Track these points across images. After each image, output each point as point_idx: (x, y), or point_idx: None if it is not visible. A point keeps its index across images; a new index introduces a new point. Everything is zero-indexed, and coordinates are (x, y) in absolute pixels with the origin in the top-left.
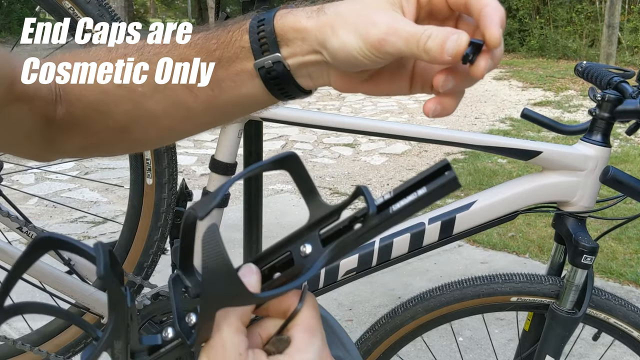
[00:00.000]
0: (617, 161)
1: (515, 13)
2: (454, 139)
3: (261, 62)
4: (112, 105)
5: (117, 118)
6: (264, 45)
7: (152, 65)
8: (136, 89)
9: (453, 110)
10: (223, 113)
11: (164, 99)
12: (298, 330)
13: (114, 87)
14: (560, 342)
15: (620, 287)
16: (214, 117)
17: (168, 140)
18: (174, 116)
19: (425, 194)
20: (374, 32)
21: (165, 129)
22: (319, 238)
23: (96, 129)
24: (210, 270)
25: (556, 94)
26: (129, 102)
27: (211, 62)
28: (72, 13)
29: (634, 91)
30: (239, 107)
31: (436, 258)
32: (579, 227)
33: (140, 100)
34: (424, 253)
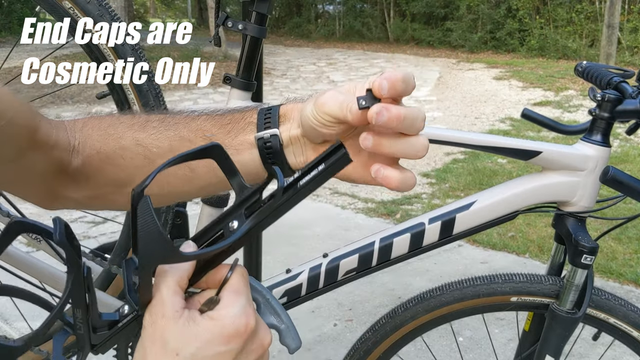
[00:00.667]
0: (617, 161)
1: (515, 13)
2: (454, 139)
3: (261, 134)
4: (128, 159)
5: (129, 172)
6: (267, 122)
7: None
8: (152, 149)
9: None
10: (219, 181)
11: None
12: (226, 292)
13: (132, 144)
14: (560, 342)
15: (620, 287)
16: (211, 181)
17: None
18: (179, 175)
19: (324, 169)
20: (320, 98)
21: (167, 186)
22: (244, 215)
23: (106, 181)
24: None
25: (556, 94)
26: (143, 159)
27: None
28: (72, 13)
29: (634, 91)
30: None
31: (436, 258)
32: (579, 227)
33: (153, 158)
34: (424, 253)
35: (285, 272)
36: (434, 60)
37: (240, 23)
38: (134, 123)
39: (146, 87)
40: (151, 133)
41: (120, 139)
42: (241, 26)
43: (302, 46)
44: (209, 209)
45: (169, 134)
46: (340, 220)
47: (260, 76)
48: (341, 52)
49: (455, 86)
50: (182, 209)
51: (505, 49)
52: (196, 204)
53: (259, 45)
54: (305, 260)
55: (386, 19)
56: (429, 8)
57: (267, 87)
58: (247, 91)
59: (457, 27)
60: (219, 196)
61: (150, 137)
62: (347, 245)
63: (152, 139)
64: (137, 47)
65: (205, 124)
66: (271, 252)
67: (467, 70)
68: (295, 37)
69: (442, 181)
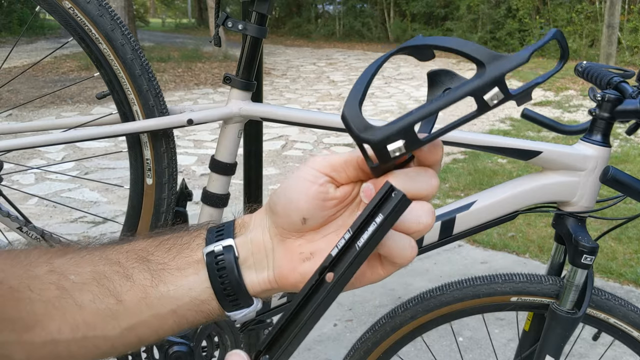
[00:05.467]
0: (617, 161)
1: (515, 13)
2: (454, 139)
3: (211, 247)
4: (36, 291)
5: (34, 308)
6: (220, 235)
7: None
8: (69, 276)
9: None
10: (154, 314)
11: (96, 287)
12: None
13: (45, 272)
14: (560, 342)
15: (620, 287)
16: (141, 321)
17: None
18: (101, 309)
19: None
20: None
21: (84, 328)
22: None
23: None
24: None
25: (556, 94)
26: (56, 289)
27: (162, 249)
28: (72, 13)
29: (634, 91)
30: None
31: (436, 258)
32: (579, 227)
33: (68, 288)
34: (424, 253)
35: None
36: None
37: (240, 23)
38: (50, 250)
39: (146, 87)
40: (70, 257)
41: (31, 265)
42: (241, 26)
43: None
44: (209, 209)
45: (93, 258)
46: None
47: (260, 76)
48: (341, 52)
49: None
50: (182, 209)
51: (505, 49)
52: (196, 204)
53: (259, 45)
54: None
55: (386, 19)
56: (429, 8)
57: (267, 87)
58: (247, 91)
59: (457, 27)
60: (219, 196)
61: (70, 262)
62: None
63: (71, 264)
64: (137, 47)
65: (139, 243)
66: None
67: (467, 70)
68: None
69: (442, 181)
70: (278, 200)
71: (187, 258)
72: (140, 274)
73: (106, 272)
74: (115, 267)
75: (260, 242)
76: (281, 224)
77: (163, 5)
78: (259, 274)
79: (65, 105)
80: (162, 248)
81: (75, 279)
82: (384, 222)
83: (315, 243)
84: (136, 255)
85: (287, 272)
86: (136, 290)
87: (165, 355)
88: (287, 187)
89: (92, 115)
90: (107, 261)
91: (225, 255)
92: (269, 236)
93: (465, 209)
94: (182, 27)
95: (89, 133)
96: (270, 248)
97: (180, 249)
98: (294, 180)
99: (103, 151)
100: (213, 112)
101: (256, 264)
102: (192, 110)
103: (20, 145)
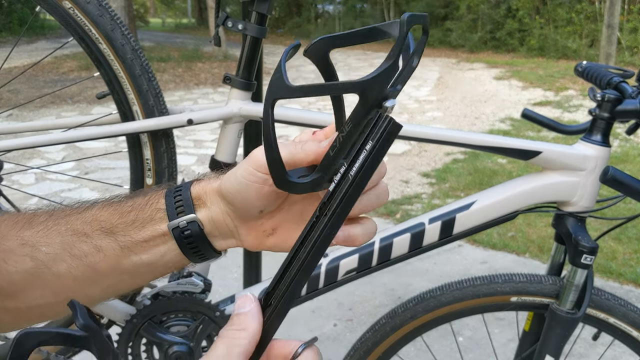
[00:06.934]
0: (617, 161)
1: (515, 13)
2: (454, 139)
3: (175, 222)
4: (11, 264)
5: (13, 278)
6: (179, 207)
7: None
8: (40, 247)
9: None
10: (131, 274)
11: (69, 258)
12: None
13: (17, 245)
14: (560, 341)
15: (620, 287)
16: (120, 280)
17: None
18: (78, 276)
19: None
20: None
21: (66, 291)
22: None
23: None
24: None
25: (556, 94)
26: (30, 261)
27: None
28: (72, 13)
29: (634, 91)
30: (148, 268)
31: (436, 258)
32: (579, 227)
33: (42, 259)
34: (424, 253)
35: None
36: (433, 60)
37: (240, 23)
38: (17, 221)
39: (146, 88)
40: (39, 229)
41: (3, 239)
42: (241, 26)
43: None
44: None
45: (59, 228)
46: None
47: (260, 76)
48: (341, 52)
49: (455, 86)
50: None
51: (505, 48)
52: None
53: (259, 45)
54: None
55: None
56: (429, 8)
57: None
58: (247, 91)
59: (457, 27)
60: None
61: (38, 234)
62: None
63: (39, 236)
64: (137, 47)
65: (101, 213)
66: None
67: (467, 70)
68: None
69: (442, 181)
70: (234, 198)
71: (153, 232)
72: (109, 246)
73: (75, 243)
74: (83, 239)
75: (222, 221)
76: (239, 214)
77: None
78: (227, 241)
79: (65, 105)
80: (124, 221)
81: (47, 250)
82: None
83: (275, 219)
84: (100, 227)
85: (254, 245)
86: (108, 260)
87: (165, 355)
88: (240, 191)
89: (92, 115)
90: (74, 232)
91: (192, 229)
92: (230, 219)
93: (465, 209)
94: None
95: (89, 133)
96: (232, 227)
97: (144, 222)
98: (244, 186)
99: (103, 151)
100: (213, 112)
101: (222, 235)
102: (192, 110)
103: (20, 145)
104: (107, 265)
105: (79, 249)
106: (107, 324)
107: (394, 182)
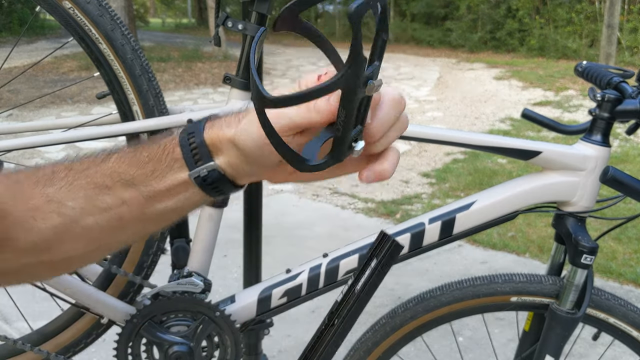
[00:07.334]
0: (617, 161)
1: (515, 13)
2: (454, 139)
3: (196, 172)
4: (40, 221)
5: (44, 235)
6: (196, 155)
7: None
8: (67, 203)
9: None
10: (158, 220)
11: (95, 211)
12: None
13: (44, 202)
14: (560, 342)
15: (620, 287)
16: (148, 225)
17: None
18: (105, 227)
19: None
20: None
21: (95, 241)
22: None
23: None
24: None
25: (556, 94)
26: (58, 217)
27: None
28: (72, 13)
29: (634, 91)
30: (173, 212)
31: (436, 258)
32: (579, 227)
33: (70, 214)
34: (424, 253)
35: (285, 272)
36: (434, 60)
37: (240, 23)
38: (39, 178)
39: (146, 88)
40: (61, 186)
41: (29, 198)
42: (241, 26)
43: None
44: (209, 209)
45: (80, 182)
46: (340, 220)
47: (260, 76)
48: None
49: (455, 86)
50: None
51: (505, 49)
52: None
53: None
54: (305, 260)
55: None
56: (429, 8)
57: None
58: (247, 91)
59: (457, 27)
60: None
61: (61, 190)
62: (347, 245)
63: (63, 192)
64: (137, 47)
65: (119, 165)
66: (271, 252)
67: (467, 70)
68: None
69: (442, 181)
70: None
71: (173, 180)
72: (133, 197)
73: (98, 196)
74: (105, 191)
75: (240, 166)
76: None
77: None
78: (249, 178)
79: (65, 105)
80: (144, 172)
81: (72, 204)
82: (378, 266)
83: None
84: (120, 178)
85: (277, 182)
86: (133, 210)
87: (165, 355)
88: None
89: (92, 115)
90: (95, 185)
91: (213, 175)
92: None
93: (465, 209)
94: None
95: (89, 133)
96: (252, 170)
97: (163, 172)
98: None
99: None
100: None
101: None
102: (192, 110)
103: (20, 145)
104: (132, 214)
105: (102, 202)
106: (107, 324)
107: (394, 182)
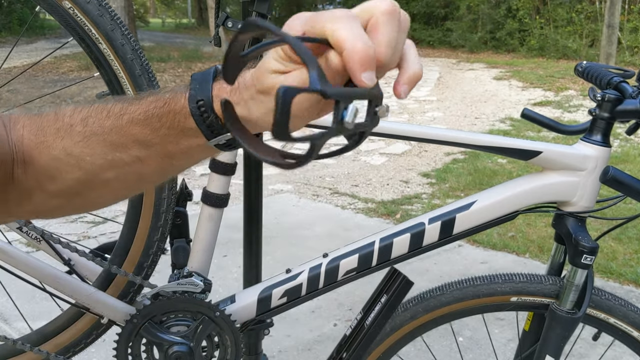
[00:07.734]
0: (617, 161)
1: (515, 13)
2: (454, 139)
3: (215, 140)
4: (63, 172)
5: (69, 184)
6: (215, 131)
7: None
8: (84, 157)
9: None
10: (174, 171)
11: (114, 167)
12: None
13: (63, 155)
14: (560, 342)
15: (620, 287)
16: (168, 175)
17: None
18: (126, 180)
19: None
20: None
21: (119, 190)
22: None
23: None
24: None
25: (556, 94)
26: (79, 170)
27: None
28: (72, 13)
29: (634, 91)
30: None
31: (436, 258)
32: (579, 227)
33: (89, 168)
34: (424, 253)
35: (285, 272)
36: (434, 60)
37: (240, 23)
38: (58, 128)
39: (146, 88)
40: (78, 140)
41: (50, 148)
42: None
43: None
44: (209, 208)
45: (97, 139)
46: (340, 220)
47: None
48: None
49: (455, 86)
50: (182, 209)
51: (505, 49)
52: (196, 204)
53: None
54: (305, 260)
55: None
56: (429, 8)
57: None
58: None
59: (457, 27)
60: (219, 196)
61: (79, 145)
62: (347, 245)
63: (81, 147)
64: (137, 47)
65: (133, 128)
66: (271, 252)
67: (467, 70)
68: None
69: (442, 181)
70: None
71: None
72: (149, 156)
73: (115, 154)
74: (122, 149)
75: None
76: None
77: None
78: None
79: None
80: (158, 135)
81: (91, 159)
82: (388, 302)
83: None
84: (135, 139)
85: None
86: (151, 166)
87: (165, 355)
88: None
89: None
90: (112, 143)
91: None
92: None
93: (465, 209)
94: (182, 27)
95: None
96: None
97: (177, 137)
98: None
99: None
100: None
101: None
102: None
103: None
104: (150, 170)
105: (120, 159)
106: (107, 324)
107: (394, 182)
